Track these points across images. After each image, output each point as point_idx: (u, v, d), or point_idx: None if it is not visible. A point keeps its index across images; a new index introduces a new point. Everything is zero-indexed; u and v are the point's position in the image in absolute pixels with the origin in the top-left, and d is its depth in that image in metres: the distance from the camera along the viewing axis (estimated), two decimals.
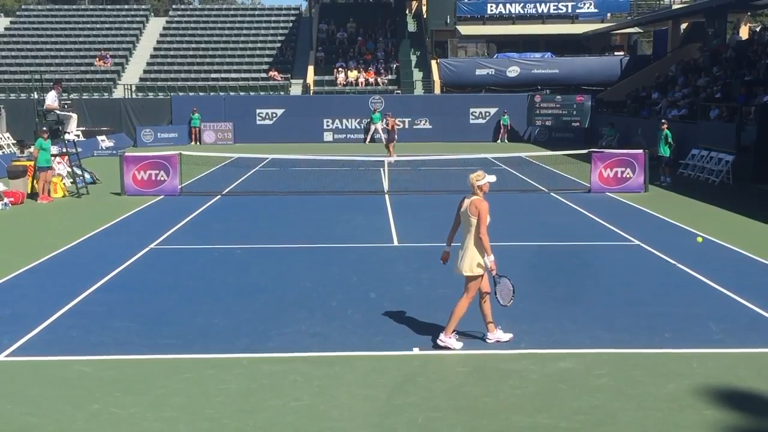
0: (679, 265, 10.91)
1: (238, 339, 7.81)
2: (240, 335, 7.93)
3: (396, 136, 28.43)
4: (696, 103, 25.87)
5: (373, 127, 34.99)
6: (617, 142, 28.88)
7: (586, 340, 7.75)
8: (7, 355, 7.32)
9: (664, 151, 19.81)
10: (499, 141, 35.21)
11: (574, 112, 34.65)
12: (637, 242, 12.60)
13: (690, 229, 13.68)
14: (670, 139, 19.67)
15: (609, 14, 41.98)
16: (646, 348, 7.51)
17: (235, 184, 20.41)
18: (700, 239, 12.07)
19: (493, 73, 38.18)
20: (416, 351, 7.45)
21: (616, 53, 40.50)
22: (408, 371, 6.91)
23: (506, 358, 7.23)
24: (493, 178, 7.68)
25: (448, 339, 7.46)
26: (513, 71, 38.13)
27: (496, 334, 7.65)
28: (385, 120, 30.59)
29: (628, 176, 18.61)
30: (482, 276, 7.42)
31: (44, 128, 17.82)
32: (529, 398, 6.31)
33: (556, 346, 7.54)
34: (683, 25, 38.31)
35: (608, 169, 18.65)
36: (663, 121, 20.50)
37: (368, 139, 35.08)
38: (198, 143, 34.30)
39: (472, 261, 7.38)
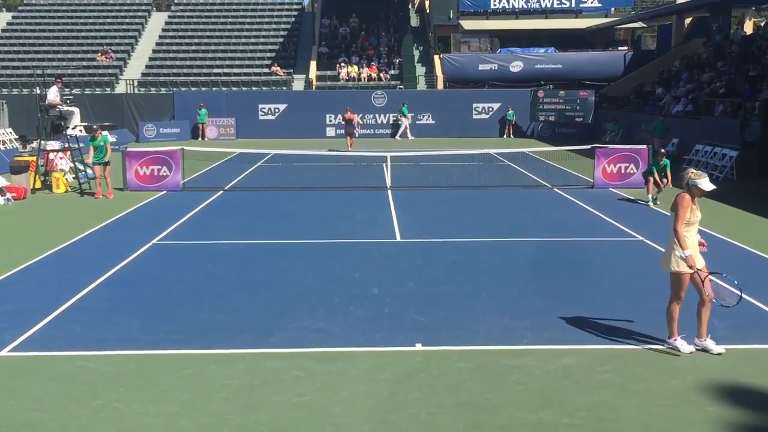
0: None
1: (241, 335, 7.80)
2: (242, 331, 7.92)
3: (356, 132, 28.75)
4: (700, 98, 25.79)
5: (402, 121, 34.78)
6: (621, 138, 28.82)
7: (588, 336, 7.73)
8: (9, 351, 7.32)
9: (654, 170, 16.06)
10: (504, 136, 35.18)
11: (578, 108, 34.56)
12: (640, 238, 12.57)
13: None
14: (668, 169, 16.00)
15: (612, 9, 41.85)
16: (649, 344, 7.49)
17: (238, 179, 20.40)
18: None
19: (496, 68, 38.08)
20: (418, 347, 7.44)
21: (619, 48, 40.38)
22: (410, 367, 6.90)
23: (508, 354, 7.21)
24: (708, 186, 7.08)
25: (673, 341, 7.28)
26: (516, 66, 38.04)
27: (705, 343, 7.27)
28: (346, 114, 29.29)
29: (631, 172, 18.58)
30: (684, 274, 7.06)
31: (95, 126, 18.02)
32: (531, 394, 6.29)
33: (559, 342, 7.52)
34: (687, 20, 38.19)
35: (611, 165, 18.62)
36: (662, 151, 16.37)
37: (399, 134, 34.91)
38: (203, 138, 34.28)
39: (667, 256, 7.21)
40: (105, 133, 17.71)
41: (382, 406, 6.08)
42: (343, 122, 28.86)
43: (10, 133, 29.86)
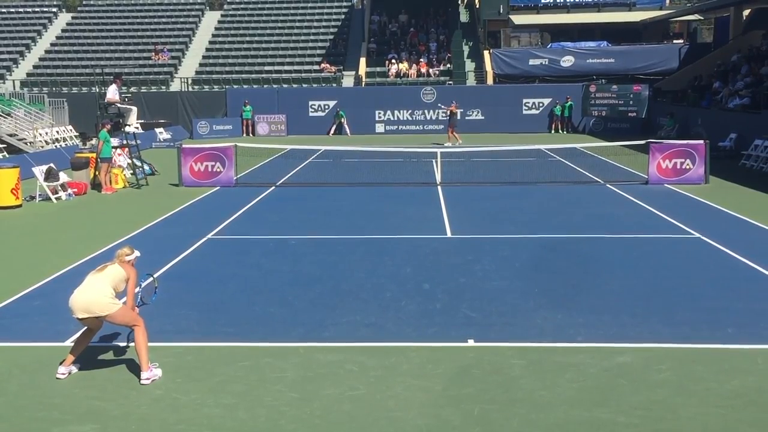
0: (742, 259, 10.60)
1: (294, 328, 7.91)
2: (296, 324, 8.03)
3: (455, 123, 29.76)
4: (759, 92, 25.03)
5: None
6: (677, 133, 28.18)
7: (645, 334, 7.60)
8: (72, 341, 7.53)
9: None
10: (551, 131, 34.79)
11: (631, 102, 33.91)
12: (697, 235, 12.29)
13: (753, 222, 13.28)
14: None
15: (667, 1, 40.88)
16: (707, 343, 7.33)
17: (289, 175, 20.62)
18: None
19: (546, 62, 37.61)
20: (471, 342, 7.43)
21: (674, 41, 39.43)
22: (463, 363, 6.90)
23: (563, 352, 7.15)
24: None
25: None
26: (567, 61, 37.50)
27: None
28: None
29: (687, 167, 18.14)
30: None
31: (106, 121, 18.38)
32: (587, 392, 6.23)
33: (614, 340, 7.42)
34: (746, 12, 37.02)
35: (667, 160, 18.21)
36: None
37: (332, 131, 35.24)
38: (252, 135, 34.78)
39: None
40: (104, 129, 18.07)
41: (435, 401, 6.09)
42: (448, 116, 30.06)
43: (71, 130, 30.79)
